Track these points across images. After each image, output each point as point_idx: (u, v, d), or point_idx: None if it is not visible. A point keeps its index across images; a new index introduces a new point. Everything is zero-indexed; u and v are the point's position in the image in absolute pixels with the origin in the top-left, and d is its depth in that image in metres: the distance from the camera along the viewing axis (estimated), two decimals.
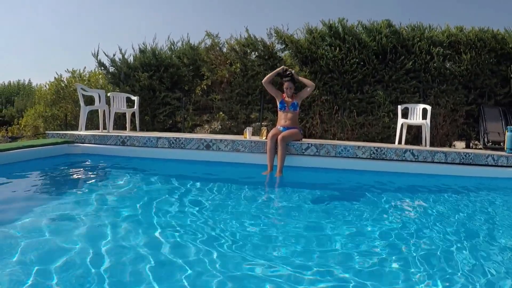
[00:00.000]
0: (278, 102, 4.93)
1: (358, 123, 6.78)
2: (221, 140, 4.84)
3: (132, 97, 6.64)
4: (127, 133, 5.36)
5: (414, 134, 6.78)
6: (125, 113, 6.69)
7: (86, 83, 8.15)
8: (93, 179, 3.77)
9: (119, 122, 7.43)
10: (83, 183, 3.60)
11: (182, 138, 4.91)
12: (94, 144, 4.99)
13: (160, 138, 4.95)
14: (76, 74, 8.44)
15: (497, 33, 6.80)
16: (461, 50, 6.75)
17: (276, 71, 5.02)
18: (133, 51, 7.69)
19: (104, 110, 5.69)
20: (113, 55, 7.61)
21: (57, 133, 5.21)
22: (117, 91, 7.27)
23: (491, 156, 4.85)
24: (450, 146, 7.00)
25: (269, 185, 4.04)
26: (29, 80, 25.48)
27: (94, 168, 4.34)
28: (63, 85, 8.12)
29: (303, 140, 4.98)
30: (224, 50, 7.35)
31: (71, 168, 4.26)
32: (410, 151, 4.78)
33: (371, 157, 4.77)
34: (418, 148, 4.95)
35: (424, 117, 5.86)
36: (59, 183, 3.57)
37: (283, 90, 4.96)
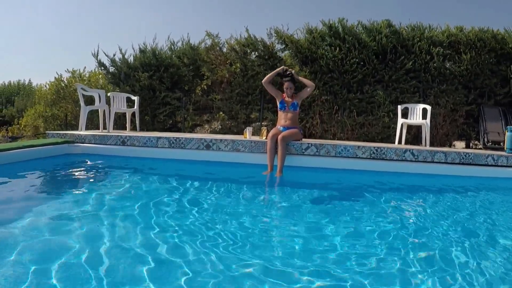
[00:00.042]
0: (278, 102, 4.93)
1: (358, 123, 6.79)
2: (221, 140, 4.84)
3: (132, 97, 6.65)
4: (127, 133, 5.36)
5: (414, 134, 6.79)
6: (125, 113, 6.70)
7: (86, 83, 8.16)
8: (93, 179, 3.77)
9: (119, 122, 7.43)
10: (83, 183, 3.60)
11: (182, 138, 4.92)
12: (94, 144, 5.00)
13: (160, 138, 4.96)
14: (76, 74, 8.45)
15: (497, 33, 6.80)
16: (461, 50, 6.75)
17: (276, 71, 5.02)
18: (133, 51, 7.72)
19: (104, 110, 5.69)
20: (113, 55, 7.63)
21: (57, 133, 5.21)
22: (117, 91, 7.27)
23: (491, 156, 4.85)
24: (450, 146, 7.00)
25: (269, 185, 4.04)
26: (29, 80, 25.49)
27: (94, 168, 4.34)
28: (63, 85, 8.13)
29: (303, 140, 4.99)
30: (224, 50, 7.36)
31: (71, 168, 4.26)
32: (410, 151, 4.79)
33: (371, 157, 4.77)
34: (418, 148, 4.96)
35: (424, 117, 5.87)
36: (59, 183, 3.57)
37: (283, 90, 4.97)
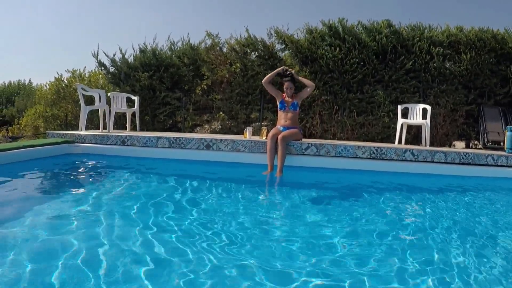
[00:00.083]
0: (278, 102, 4.94)
1: (358, 123, 6.79)
2: (221, 140, 4.85)
3: (133, 97, 6.65)
4: (127, 133, 5.36)
5: (414, 134, 6.79)
6: (125, 113, 6.70)
7: (87, 83, 8.16)
8: (93, 179, 3.77)
9: (119, 122, 7.44)
10: (84, 183, 3.60)
11: (182, 138, 4.92)
12: (95, 144, 5.00)
13: (160, 138, 4.96)
14: (77, 74, 8.45)
15: (497, 33, 6.80)
16: (461, 50, 6.75)
17: (276, 71, 5.02)
18: (133, 51, 7.73)
19: (105, 110, 5.70)
20: (113, 55, 7.64)
21: (58, 133, 5.22)
22: (117, 91, 7.28)
23: (491, 156, 4.86)
24: (450, 146, 7.00)
25: (270, 185, 4.04)
26: (30, 80, 25.43)
27: (94, 168, 4.35)
28: (64, 85, 8.13)
29: (303, 140, 4.99)
30: (224, 50, 7.36)
31: (72, 168, 4.27)
32: (410, 151, 4.79)
33: (371, 157, 4.78)
34: (418, 148, 4.96)
35: (424, 117, 5.87)
36: (60, 183, 3.58)
37: (283, 90, 4.97)
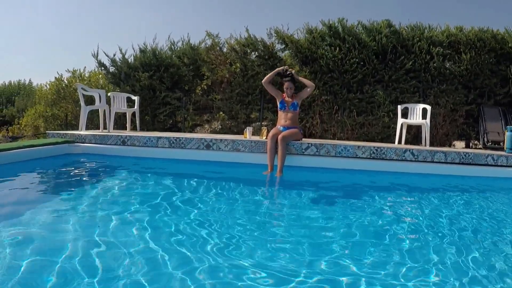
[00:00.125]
0: (278, 102, 4.94)
1: (358, 123, 6.79)
2: (221, 140, 4.85)
3: (133, 97, 6.65)
4: (128, 133, 5.37)
5: (414, 134, 6.79)
6: (126, 113, 6.71)
7: (87, 83, 8.16)
8: (94, 179, 3.78)
9: (120, 122, 7.44)
10: (84, 183, 3.61)
11: (183, 138, 4.93)
12: (95, 144, 5.00)
13: (161, 138, 4.97)
14: (77, 74, 8.46)
15: (497, 33, 6.80)
16: (461, 50, 6.75)
17: (276, 71, 5.03)
18: (134, 51, 7.74)
19: (105, 110, 5.70)
20: (114, 55, 7.64)
21: (58, 133, 5.22)
22: (118, 91, 7.28)
23: (491, 156, 4.86)
24: (450, 146, 7.01)
25: (270, 185, 4.05)
26: (30, 80, 25.45)
27: (95, 168, 4.35)
28: (64, 85, 8.14)
29: (303, 140, 5.00)
30: (224, 50, 7.36)
31: (72, 168, 4.27)
32: (410, 151, 4.79)
33: (371, 157, 4.78)
34: (418, 148, 4.96)
35: (424, 117, 5.87)
36: (60, 183, 3.58)
37: (283, 90, 4.97)
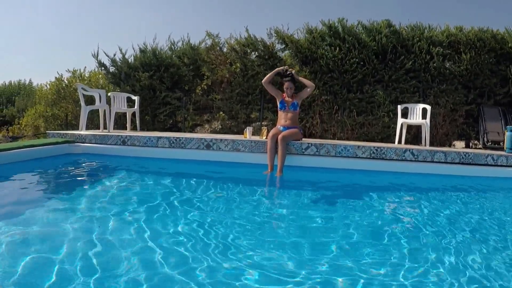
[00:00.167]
0: (278, 102, 4.95)
1: (358, 123, 6.79)
2: (221, 140, 4.85)
3: (133, 97, 6.66)
4: (128, 133, 5.37)
5: (414, 134, 6.80)
6: (126, 113, 6.71)
7: (87, 83, 8.17)
8: (94, 179, 3.78)
9: (120, 122, 7.44)
10: (84, 183, 3.61)
11: (183, 138, 4.93)
12: (95, 144, 5.01)
13: (161, 138, 4.97)
14: (77, 74, 8.46)
15: (497, 33, 6.80)
16: (461, 50, 6.75)
17: (276, 71, 5.03)
18: (134, 51, 7.75)
19: (105, 110, 5.70)
20: (114, 55, 7.65)
21: (58, 133, 5.23)
22: (118, 91, 7.29)
23: (491, 156, 4.86)
24: (450, 146, 7.01)
25: (270, 185, 4.05)
26: (30, 80, 25.48)
27: (95, 168, 4.36)
28: (64, 85, 8.14)
29: (303, 140, 5.00)
30: (224, 50, 7.37)
31: (72, 168, 4.28)
32: (410, 151, 4.80)
33: (371, 157, 4.78)
34: (418, 148, 4.97)
35: (424, 117, 5.88)
36: (60, 183, 3.58)
37: (283, 90, 4.98)
